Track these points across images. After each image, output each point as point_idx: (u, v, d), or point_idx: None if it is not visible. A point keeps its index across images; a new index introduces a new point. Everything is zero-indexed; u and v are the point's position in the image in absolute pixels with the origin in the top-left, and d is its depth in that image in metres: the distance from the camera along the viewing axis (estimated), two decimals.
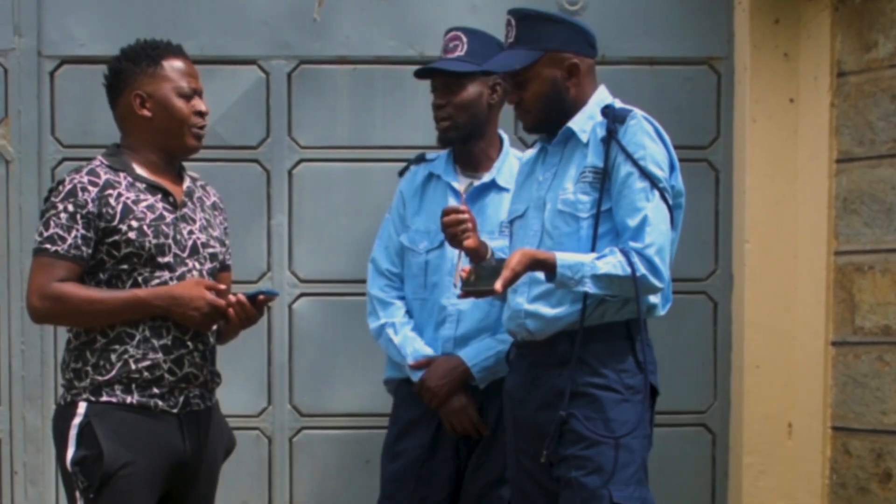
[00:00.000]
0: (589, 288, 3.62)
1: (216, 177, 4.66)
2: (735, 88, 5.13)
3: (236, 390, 4.95)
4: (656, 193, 3.70)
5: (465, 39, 4.30)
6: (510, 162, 4.35)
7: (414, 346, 4.31)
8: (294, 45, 5.14)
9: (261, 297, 3.72)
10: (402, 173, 4.51)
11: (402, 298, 4.40)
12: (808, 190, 5.00)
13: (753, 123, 5.04)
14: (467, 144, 4.34)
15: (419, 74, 4.39)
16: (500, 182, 4.31)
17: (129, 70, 3.74)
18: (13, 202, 5.08)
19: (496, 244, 4.06)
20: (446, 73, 4.28)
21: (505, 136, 4.42)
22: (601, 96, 3.87)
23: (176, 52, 3.79)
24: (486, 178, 4.33)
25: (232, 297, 3.70)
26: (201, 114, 3.77)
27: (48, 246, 3.63)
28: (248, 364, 5.12)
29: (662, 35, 5.18)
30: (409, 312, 4.39)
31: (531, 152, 4.01)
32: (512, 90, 3.86)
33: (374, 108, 5.10)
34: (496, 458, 4.25)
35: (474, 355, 4.25)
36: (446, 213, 3.91)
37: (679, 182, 3.82)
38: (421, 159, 4.48)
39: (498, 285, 3.54)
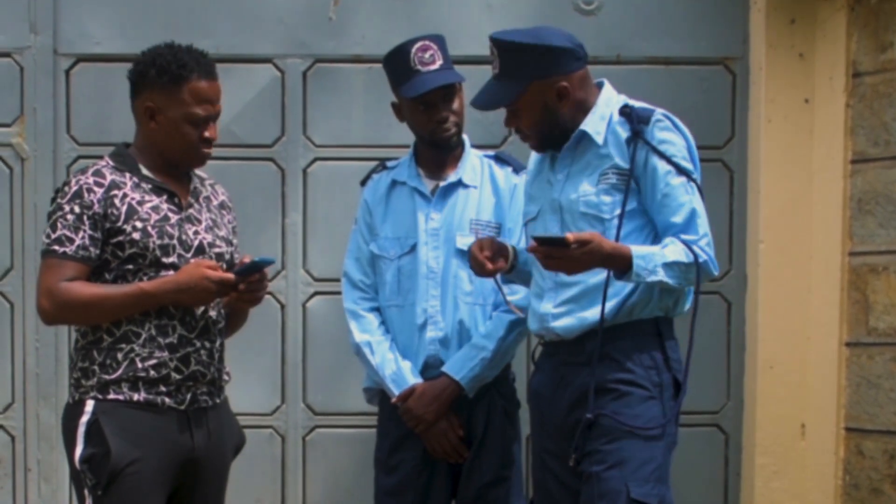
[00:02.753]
0: (661, 276, 3.61)
1: (231, 175, 4.70)
2: (750, 88, 5.12)
3: (250, 388, 4.96)
4: (694, 186, 3.71)
5: (436, 47, 4.25)
6: (472, 161, 4.36)
7: (393, 369, 4.28)
8: (309, 44, 5.15)
9: (260, 273, 3.70)
10: (363, 182, 4.50)
11: (375, 310, 4.38)
12: (822, 190, 4.99)
13: (768, 123, 5.03)
14: (456, 147, 4.35)
15: (430, 93, 4.22)
16: (466, 180, 4.32)
17: (151, 78, 3.71)
18: (28, 200, 5.10)
19: (468, 241, 4.11)
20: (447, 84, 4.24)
21: (465, 136, 4.41)
22: (609, 95, 3.84)
23: (203, 72, 3.72)
24: (453, 177, 4.33)
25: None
26: (208, 141, 3.75)
27: (56, 247, 3.64)
28: (262, 362, 5.13)
29: (678, 35, 5.18)
30: (384, 323, 4.36)
31: (537, 154, 4.00)
32: (508, 118, 3.83)
33: (389, 108, 5.09)
34: (489, 460, 4.27)
35: (459, 367, 4.24)
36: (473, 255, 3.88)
37: (699, 176, 3.82)
38: (382, 167, 4.47)
39: (570, 236, 3.54)
